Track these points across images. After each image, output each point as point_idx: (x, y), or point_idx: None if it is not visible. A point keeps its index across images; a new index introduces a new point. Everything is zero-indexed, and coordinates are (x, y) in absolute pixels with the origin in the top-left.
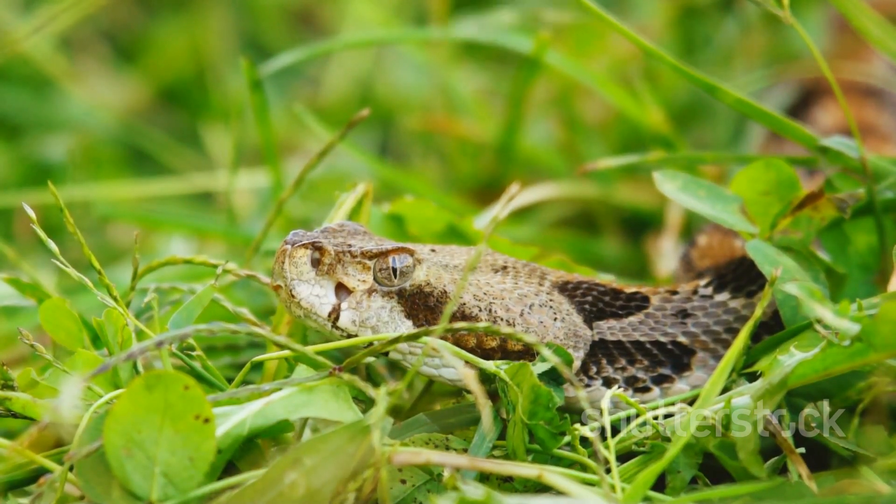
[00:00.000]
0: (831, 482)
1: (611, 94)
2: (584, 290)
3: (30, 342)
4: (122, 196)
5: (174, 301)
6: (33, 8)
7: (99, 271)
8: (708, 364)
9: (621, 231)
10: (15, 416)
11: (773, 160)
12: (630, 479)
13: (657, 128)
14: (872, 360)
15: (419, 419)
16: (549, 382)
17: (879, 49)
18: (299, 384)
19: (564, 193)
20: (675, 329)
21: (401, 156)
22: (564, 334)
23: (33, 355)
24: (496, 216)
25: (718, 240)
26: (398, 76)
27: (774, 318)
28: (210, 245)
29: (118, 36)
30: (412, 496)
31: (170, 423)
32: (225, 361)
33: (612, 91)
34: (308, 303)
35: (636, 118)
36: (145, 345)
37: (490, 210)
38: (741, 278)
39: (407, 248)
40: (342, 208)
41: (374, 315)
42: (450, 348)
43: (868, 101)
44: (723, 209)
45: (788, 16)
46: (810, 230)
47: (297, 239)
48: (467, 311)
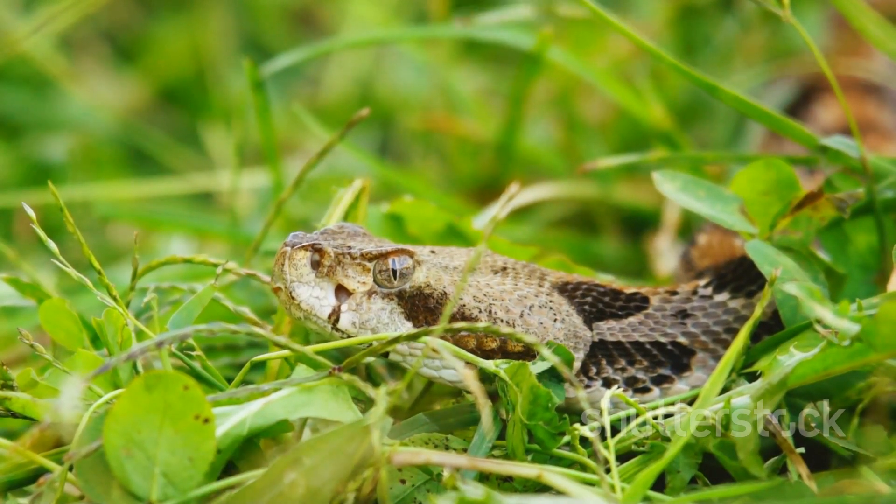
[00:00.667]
0: (831, 482)
1: (613, 91)
2: (583, 291)
3: (30, 342)
4: (122, 196)
5: (174, 301)
6: (33, 8)
7: (99, 271)
8: (708, 364)
9: (621, 231)
10: (15, 416)
11: (773, 160)
12: (630, 479)
13: (659, 125)
14: (872, 360)
15: (419, 419)
16: (549, 382)
17: (879, 49)
18: (299, 384)
19: (564, 193)
20: (675, 329)
21: (401, 156)
22: (564, 335)
23: (33, 355)
24: (496, 216)
25: (718, 239)
26: (398, 76)
27: (774, 318)
28: (210, 245)
29: (118, 36)
30: (412, 496)
31: (170, 423)
32: (225, 361)
33: (615, 88)
34: (308, 305)
35: (638, 115)
36: (145, 345)
37: (489, 210)
38: (741, 278)
39: (406, 249)
40: (340, 204)
41: (374, 317)
42: (450, 348)
43: (869, 97)
44: (722, 209)
45: (788, 14)
46: (810, 230)
47: (297, 241)
48: (467, 312)
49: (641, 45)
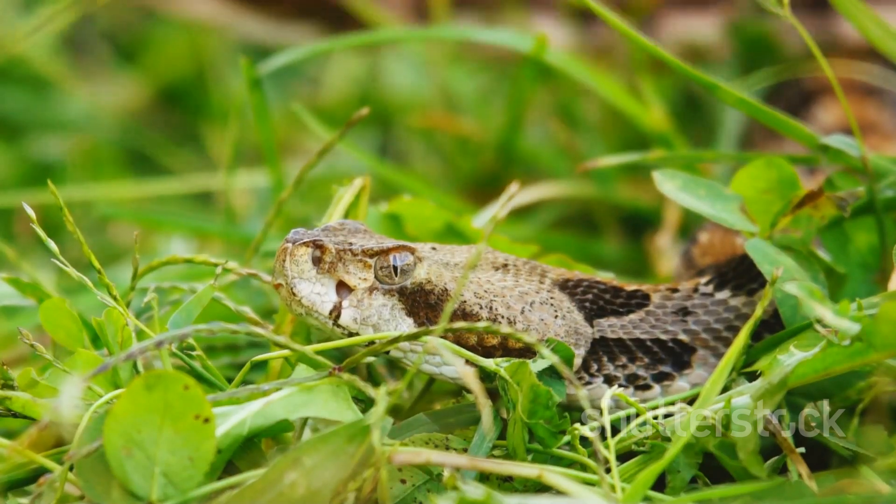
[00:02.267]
0: (831, 482)
1: (610, 93)
2: (584, 288)
3: (30, 342)
4: (122, 196)
5: (174, 301)
6: (33, 8)
7: (99, 271)
8: (708, 362)
9: (621, 230)
10: (15, 416)
11: (775, 158)
12: (630, 479)
13: (657, 126)
14: (872, 359)
15: (419, 419)
16: (549, 379)
17: (879, 49)
18: (299, 384)
19: (564, 193)
20: (676, 327)
21: (400, 155)
22: (565, 332)
23: (33, 355)
24: (496, 215)
25: (720, 237)
26: (398, 76)
27: (774, 315)
28: (210, 245)
29: (118, 36)
30: (412, 496)
31: (170, 423)
32: (225, 361)
33: (612, 89)
34: (309, 301)
35: (636, 116)
36: (145, 345)
37: (489, 209)
38: (742, 276)
39: (408, 246)
40: (340, 203)
41: (375, 313)
42: (450, 347)
43: (869, 99)
44: (723, 208)
45: (788, 13)
46: (810, 229)
47: (298, 237)
48: (468, 308)
49: (642, 44)
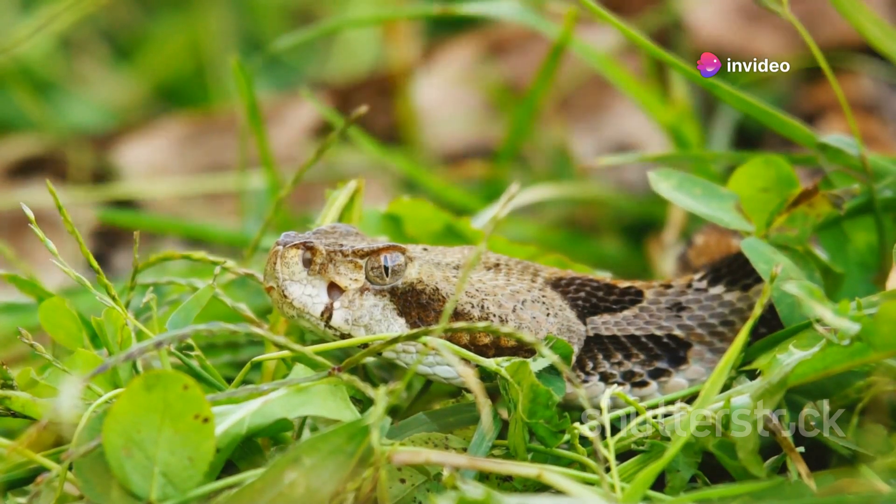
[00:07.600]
0: (831, 481)
1: (630, 90)
2: (577, 286)
3: (29, 342)
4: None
5: (173, 300)
6: (33, 8)
7: (97, 271)
8: (704, 357)
9: (622, 232)
10: (14, 416)
11: (773, 157)
12: (630, 479)
13: (678, 108)
14: (872, 359)
15: (418, 418)
16: (548, 377)
17: (879, 49)
18: (297, 384)
19: (564, 193)
20: (671, 322)
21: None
22: (557, 329)
23: (33, 355)
24: (496, 216)
25: (716, 239)
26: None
27: (771, 311)
28: (210, 245)
29: (117, 35)
30: (411, 496)
31: (169, 423)
32: (225, 359)
33: (632, 87)
34: (300, 303)
35: (652, 111)
36: (145, 345)
37: (489, 210)
38: (736, 272)
39: (398, 246)
40: (334, 206)
41: (366, 313)
42: (449, 347)
43: (871, 116)
44: (718, 207)
45: (787, 13)
46: (806, 227)
47: (289, 240)
48: (460, 308)
49: (641, 43)
